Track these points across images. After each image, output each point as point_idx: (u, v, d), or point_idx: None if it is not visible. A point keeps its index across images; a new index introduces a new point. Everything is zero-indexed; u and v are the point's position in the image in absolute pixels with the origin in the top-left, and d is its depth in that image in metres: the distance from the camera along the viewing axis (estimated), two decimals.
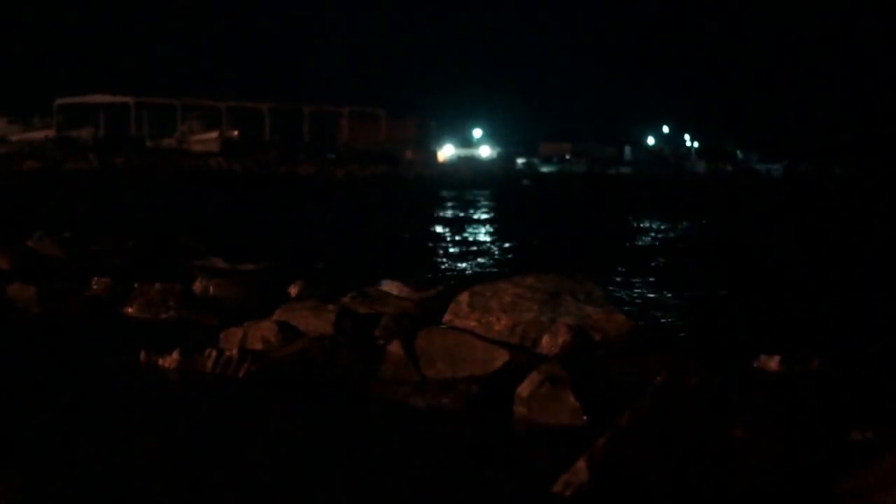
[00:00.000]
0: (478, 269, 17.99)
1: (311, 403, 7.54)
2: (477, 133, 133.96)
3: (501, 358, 7.94)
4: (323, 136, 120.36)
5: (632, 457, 5.43)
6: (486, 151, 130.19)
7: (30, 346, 9.49)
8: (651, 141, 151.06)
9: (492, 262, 20.00)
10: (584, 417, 6.99)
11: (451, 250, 22.48)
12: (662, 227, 32.86)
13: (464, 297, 8.89)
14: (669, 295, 14.80)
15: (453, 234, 27.32)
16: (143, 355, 8.43)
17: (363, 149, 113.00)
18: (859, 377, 8.60)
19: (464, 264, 19.15)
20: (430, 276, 16.57)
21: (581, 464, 5.32)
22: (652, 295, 14.67)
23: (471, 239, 25.94)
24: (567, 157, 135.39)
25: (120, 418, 7.06)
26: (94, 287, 11.59)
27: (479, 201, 49.20)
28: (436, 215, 37.13)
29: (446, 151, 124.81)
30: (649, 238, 28.02)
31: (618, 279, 16.07)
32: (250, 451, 6.36)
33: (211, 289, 11.45)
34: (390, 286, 10.89)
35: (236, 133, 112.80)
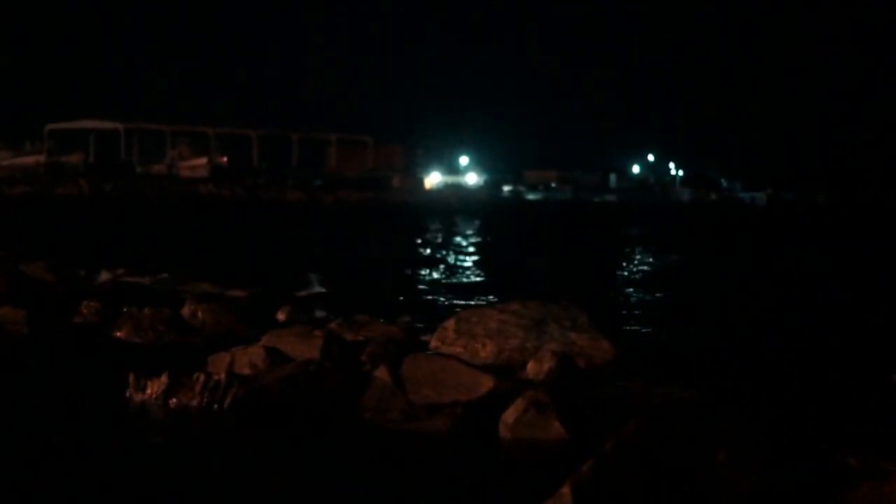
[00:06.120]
0: (464, 296, 18.04)
1: (298, 428, 7.58)
2: (463, 160, 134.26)
3: (487, 384, 8.01)
4: (311, 163, 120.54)
5: (616, 482, 5.48)
6: (472, 179, 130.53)
7: (18, 369, 9.51)
8: (636, 169, 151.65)
9: (478, 288, 20.06)
10: (569, 443, 7.04)
11: (438, 276, 22.54)
12: (647, 254, 32.99)
13: (450, 324, 8.96)
14: (654, 321, 14.88)
15: (439, 261, 27.37)
16: (131, 379, 8.46)
17: (351, 176, 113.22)
18: (841, 404, 8.69)
19: (450, 291, 19.20)
20: (416, 302, 16.63)
21: (565, 489, 5.36)
22: (636, 321, 14.75)
23: (457, 265, 26.00)
24: (553, 184, 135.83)
25: (106, 442, 7.08)
26: (84, 311, 11.63)
27: (465, 228, 49.28)
28: (422, 242, 37.19)
29: (433, 178, 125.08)
30: (634, 265, 28.12)
31: (602, 306, 16.13)
32: (238, 476, 6.39)
33: (199, 313, 11.49)
34: None
35: (225, 159, 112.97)
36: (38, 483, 6.08)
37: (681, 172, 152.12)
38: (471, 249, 33.18)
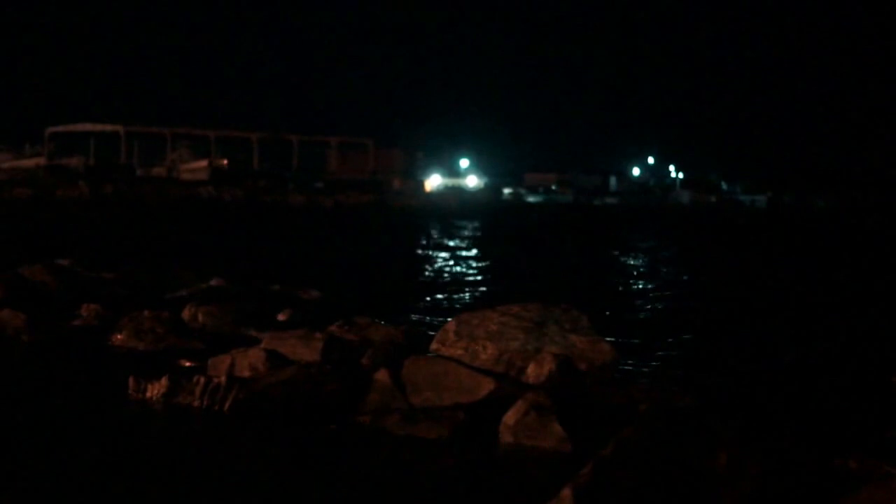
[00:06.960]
0: (464, 298, 18.05)
1: (297, 431, 7.58)
2: (464, 163, 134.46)
3: (487, 386, 8.01)
4: (311, 166, 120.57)
5: (617, 485, 5.48)
6: (472, 181, 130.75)
7: (18, 374, 9.51)
8: (636, 172, 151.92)
9: (478, 290, 20.07)
10: (570, 446, 7.05)
11: (438, 279, 22.55)
12: (647, 256, 33.00)
13: (450, 326, 8.95)
14: (654, 323, 14.89)
15: (440, 263, 27.39)
16: (131, 382, 8.47)
17: (351, 178, 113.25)
18: (841, 406, 8.70)
19: (450, 293, 19.21)
20: (417, 304, 16.64)
21: (566, 491, 5.36)
22: (637, 324, 14.76)
23: (457, 267, 26.02)
24: (553, 187, 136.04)
25: (106, 446, 7.08)
26: (84, 314, 11.63)
27: (465, 231, 49.30)
28: (422, 244, 37.20)
29: (433, 181, 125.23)
30: (634, 267, 28.13)
31: (603, 308, 16.15)
32: (237, 478, 6.40)
33: (199, 316, 11.50)
34: None
35: (225, 162, 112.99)
36: (38, 485, 6.09)
37: (681, 175, 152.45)
38: (471, 252, 33.19)
